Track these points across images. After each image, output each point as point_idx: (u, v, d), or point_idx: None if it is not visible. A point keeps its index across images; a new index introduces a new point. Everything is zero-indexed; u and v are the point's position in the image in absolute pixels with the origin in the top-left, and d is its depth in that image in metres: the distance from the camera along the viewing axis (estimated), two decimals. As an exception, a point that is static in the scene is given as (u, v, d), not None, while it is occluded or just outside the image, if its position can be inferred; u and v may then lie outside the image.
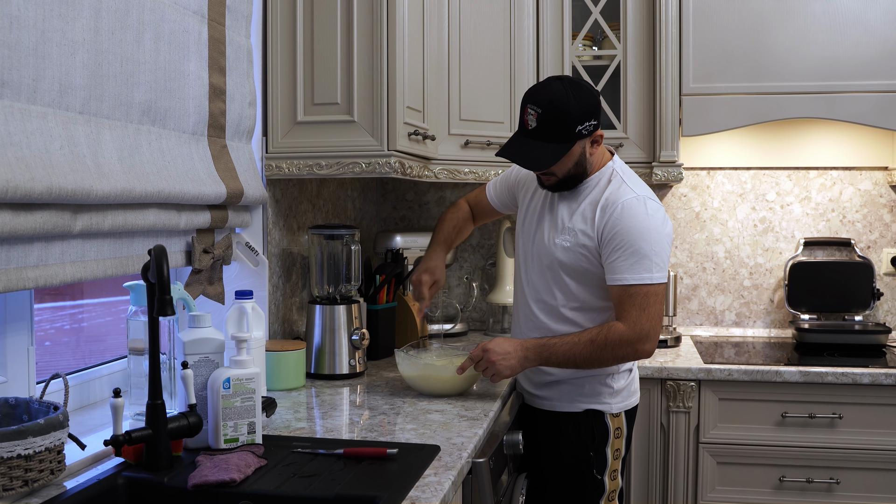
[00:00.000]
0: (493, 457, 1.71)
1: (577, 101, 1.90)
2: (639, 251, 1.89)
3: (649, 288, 1.90)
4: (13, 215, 1.29)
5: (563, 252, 2.00)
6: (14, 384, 1.58)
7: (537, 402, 2.11)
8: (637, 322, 1.89)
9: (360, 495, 1.35)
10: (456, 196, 3.33)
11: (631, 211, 1.91)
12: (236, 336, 1.60)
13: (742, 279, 3.22)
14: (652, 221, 1.92)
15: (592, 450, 2.04)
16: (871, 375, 2.54)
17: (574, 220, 1.99)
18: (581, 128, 1.91)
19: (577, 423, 2.04)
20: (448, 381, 2.02)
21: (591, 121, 1.93)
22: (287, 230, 2.38)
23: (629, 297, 1.90)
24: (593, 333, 1.91)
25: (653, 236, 1.91)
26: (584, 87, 1.93)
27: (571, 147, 1.92)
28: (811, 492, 2.60)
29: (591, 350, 1.90)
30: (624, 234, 1.90)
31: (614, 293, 1.93)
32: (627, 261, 1.90)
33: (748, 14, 2.79)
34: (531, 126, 1.92)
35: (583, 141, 1.95)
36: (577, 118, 1.90)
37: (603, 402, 2.04)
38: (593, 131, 1.95)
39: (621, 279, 1.91)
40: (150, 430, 1.44)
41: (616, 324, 1.91)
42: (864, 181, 3.15)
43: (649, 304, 1.90)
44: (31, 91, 1.35)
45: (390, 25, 2.13)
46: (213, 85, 1.92)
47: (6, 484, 1.25)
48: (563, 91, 1.91)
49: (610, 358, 1.92)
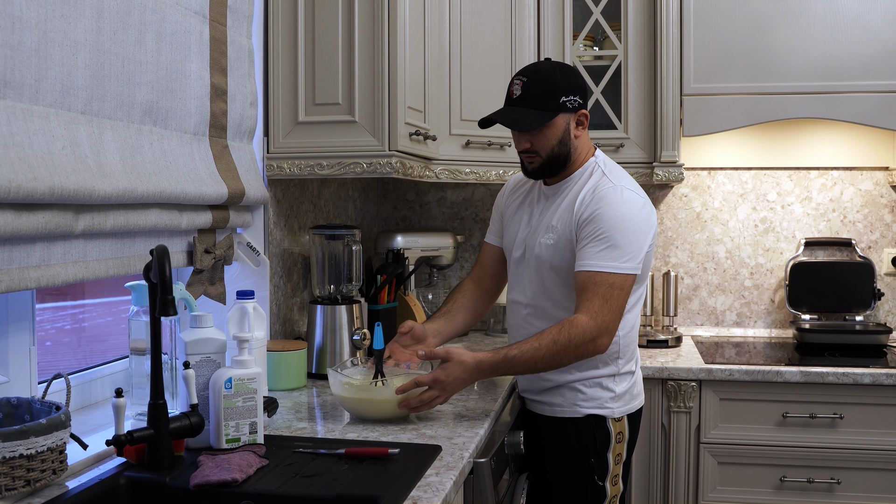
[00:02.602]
0: (495, 457, 1.71)
1: (563, 75, 1.92)
2: (609, 238, 1.84)
3: (616, 278, 1.83)
4: (15, 215, 1.29)
5: (546, 250, 1.96)
6: (16, 384, 1.58)
7: (539, 407, 2.06)
8: (599, 313, 1.81)
9: (362, 495, 1.35)
10: (457, 196, 3.33)
11: (606, 199, 1.88)
12: (238, 336, 1.60)
13: (743, 279, 3.22)
14: (627, 210, 1.88)
15: (594, 455, 1.99)
16: (872, 375, 2.54)
17: (557, 217, 1.96)
18: (566, 99, 1.91)
19: (578, 428, 1.99)
20: (379, 405, 1.78)
21: (576, 96, 1.93)
22: (288, 230, 2.39)
23: (593, 284, 1.82)
24: (554, 334, 1.80)
25: (627, 226, 1.86)
26: (571, 69, 1.96)
27: (554, 117, 1.91)
28: (812, 492, 2.60)
29: (553, 352, 1.79)
30: (597, 221, 1.86)
31: (579, 280, 1.86)
32: (596, 247, 1.85)
33: (749, 14, 2.79)
34: (516, 95, 1.92)
35: (567, 116, 1.93)
36: (561, 89, 1.90)
37: (605, 407, 1.99)
38: (578, 108, 1.94)
39: (588, 265, 1.84)
40: (152, 430, 1.44)
41: (577, 318, 1.81)
42: (865, 181, 3.15)
43: (613, 296, 1.82)
44: (33, 91, 1.35)
45: (391, 26, 2.13)
46: (215, 85, 1.92)
47: (8, 484, 1.26)
48: (550, 66, 1.94)
49: (572, 357, 1.82)
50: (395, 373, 1.89)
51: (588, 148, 2.02)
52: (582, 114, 1.96)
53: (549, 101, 1.90)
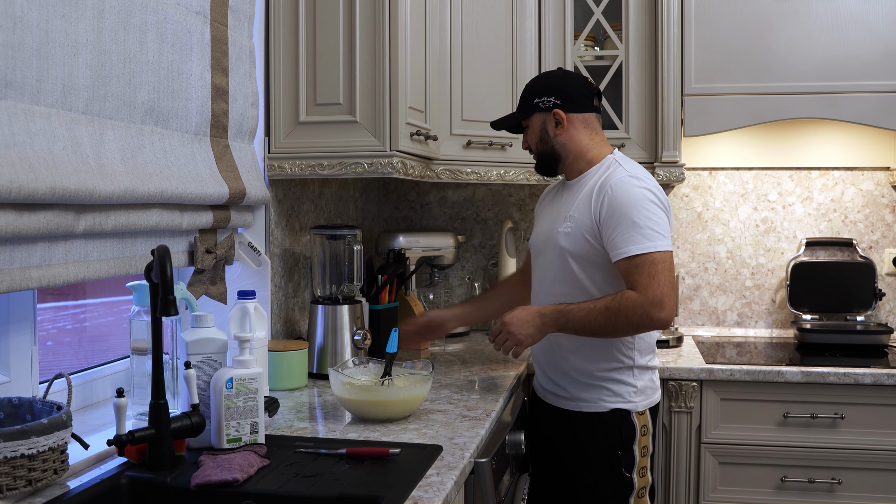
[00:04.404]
0: (496, 457, 1.71)
1: (545, 78, 2.15)
2: (635, 223, 1.92)
3: (654, 255, 1.90)
4: (17, 215, 1.29)
5: (565, 238, 2.02)
6: (17, 384, 1.58)
7: (563, 403, 2.10)
8: (648, 288, 1.88)
9: (363, 495, 1.35)
10: (458, 196, 3.33)
11: (622, 186, 1.96)
12: (239, 336, 1.60)
13: (744, 279, 3.22)
14: (642, 193, 1.96)
15: (620, 448, 2.04)
16: (873, 376, 2.54)
17: (575, 207, 2.04)
18: (539, 100, 2.09)
19: (604, 422, 2.04)
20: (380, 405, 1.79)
21: (549, 97, 2.08)
22: (289, 230, 2.39)
23: (635, 267, 1.90)
24: (608, 301, 1.91)
25: (646, 206, 1.94)
26: (560, 74, 2.15)
27: (528, 117, 2.11)
28: (813, 492, 2.60)
29: (605, 317, 1.89)
30: (617, 208, 1.94)
31: (621, 268, 1.93)
32: (626, 234, 1.92)
33: (750, 14, 2.79)
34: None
35: (542, 115, 2.09)
36: (536, 90, 2.10)
37: (629, 401, 2.05)
38: (552, 108, 2.07)
39: (624, 252, 1.91)
40: (153, 430, 1.44)
41: (628, 291, 1.91)
42: (866, 181, 3.15)
43: (657, 271, 1.89)
44: (34, 91, 1.35)
45: (392, 26, 2.13)
46: (216, 85, 1.92)
47: (10, 483, 1.26)
48: (546, 72, 2.21)
49: (624, 324, 1.91)
50: (399, 374, 1.90)
51: (600, 146, 2.12)
52: (556, 113, 2.07)
53: (525, 102, 2.12)
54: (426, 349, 2.61)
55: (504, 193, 3.30)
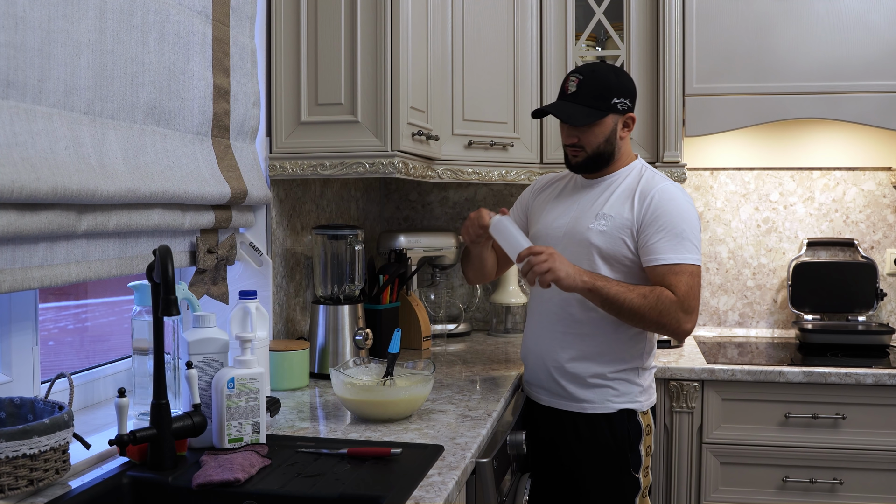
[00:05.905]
0: (497, 457, 1.71)
1: (618, 78, 2.04)
2: (681, 233, 1.94)
3: (693, 268, 1.94)
4: (18, 215, 1.29)
5: (598, 236, 2.01)
6: (19, 384, 1.58)
7: (573, 405, 2.08)
8: (686, 296, 1.92)
9: (364, 495, 1.35)
10: (459, 196, 3.33)
11: (671, 195, 1.99)
12: (240, 336, 1.60)
13: (745, 279, 3.22)
14: (689, 206, 2.00)
15: (628, 448, 2.05)
16: (875, 376, 2.54)
17: (609, 206, 2.03)
18: (617, 101, 2.01)
19: (612, 423, 2.05)
20: (381, 406, 1.78)
21: (627, 99, 2.03)
22: (291, 230, 2.39)
23: (674, 274, 1.93)
24: (645, 290, 1.92)
25: (692, 219, 1.98)
26: (624, 73, 2.09)
27: (605, 116, 2.01)
28: (814, 492, 2.60)
29: (640, 302, 1.90)
30: (666, 216, 1.95)
31: (658, 273, 1.95)
32: (671, 242, 1.94)
33: (751, 14, 2.79)
34: (570, 91, 2.03)
35: (616, 117, 2.03)
36: (614, 90, 2.01)
37: (635, 401, 2.06)
38: (626, 111, 2.04)
39: (665, 259, 1.94)
40: (155, 430, 1.44)
41: (667, 290, 1.92)
42: (868, 181, 3.15)
43: (694, 283, 1.94)
44: (36, 91, 1.35)
45: (394, 26, 2.13)
46: (217, 85, 1.92)
47: (11, 483, 1.26)
48: (605, 67, 2.06)
49: (654, 317, 1.92)
50: (401, 374, 1.90)
51: (630, 151, 2.12)
52: (629, 116, 2.05)
53: (601, 100, 2.01)
54: (427, 349, 2.61)
55: (506, 193, 3.30)
